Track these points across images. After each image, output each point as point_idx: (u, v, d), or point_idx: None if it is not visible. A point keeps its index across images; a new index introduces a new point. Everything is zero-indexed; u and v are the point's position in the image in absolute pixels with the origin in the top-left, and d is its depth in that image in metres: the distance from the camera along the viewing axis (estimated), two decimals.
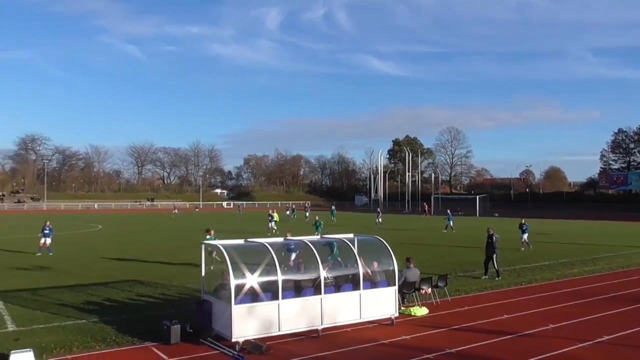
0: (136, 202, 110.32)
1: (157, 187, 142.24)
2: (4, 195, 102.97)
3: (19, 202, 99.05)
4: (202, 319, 11.27)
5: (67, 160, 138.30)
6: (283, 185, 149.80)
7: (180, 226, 48.88)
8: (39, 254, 24.85)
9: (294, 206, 66.88)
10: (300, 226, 44.31)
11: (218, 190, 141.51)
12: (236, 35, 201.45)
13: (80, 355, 10.12)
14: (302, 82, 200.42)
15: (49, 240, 25.50)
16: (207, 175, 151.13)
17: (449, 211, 45.87)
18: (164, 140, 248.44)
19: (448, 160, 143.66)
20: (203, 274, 12.36)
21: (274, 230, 38.07)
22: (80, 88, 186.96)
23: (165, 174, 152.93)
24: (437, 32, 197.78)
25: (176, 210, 77.85)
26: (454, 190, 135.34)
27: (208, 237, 20.67)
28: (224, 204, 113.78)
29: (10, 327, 12.11)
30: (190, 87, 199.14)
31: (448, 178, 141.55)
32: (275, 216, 40.25)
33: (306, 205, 71.49)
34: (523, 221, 29.05)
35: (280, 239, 14.07)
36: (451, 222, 42.67)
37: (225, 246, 11.34)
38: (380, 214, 50.75)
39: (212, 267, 11.89)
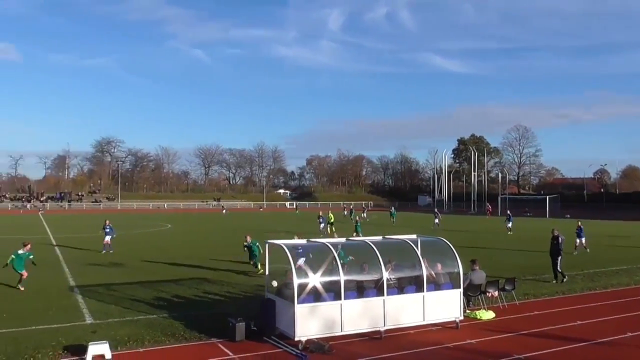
0: (203, 202, 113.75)
1: (223, 187, 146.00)
2: (82, 196, 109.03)
3: (95, 201, 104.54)
4: (266, 317, 11.47)
5: (139, 162, 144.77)
6: (345, 186, 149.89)
7: (245, 226, 49.97)
8: (103, 251, 26.14)
9: (352, 207, 65.72)
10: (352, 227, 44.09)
11: (281, 191, 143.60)
12: (299, 37, 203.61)
13: (151, 348, 10.56)
14: (364, 82, 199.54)
15: (108, 238, 26.75)
16: (271, 176, 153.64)
17: (508, 212, 44.35)
18: (229, 142, 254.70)
19: (516, 160, 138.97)
20: (267, 272, 12.58)
21: (326, 232, 37.79)
22: (151, 92, 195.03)
23: (231, 175, 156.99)
24: (504, 27, 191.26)
25: (225, 210, 79.58)
26: (522, 191, 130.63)
27: (245, 243, 20.74)
28: (287, 204, 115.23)
29: (88, 320, 12.81)
30: (254, 89, 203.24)
31: (516, 178, 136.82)
32: (331, 216, 39.87)
33: (364, 206, 70.79)
34: (579, 224, 27.60)
35: (342, 239, 14.09)
36: (510, 223, 41.31)
37: (288, 246, 11.49)
38: (439, 214, 49.62)
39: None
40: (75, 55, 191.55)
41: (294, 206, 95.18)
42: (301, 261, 15.59)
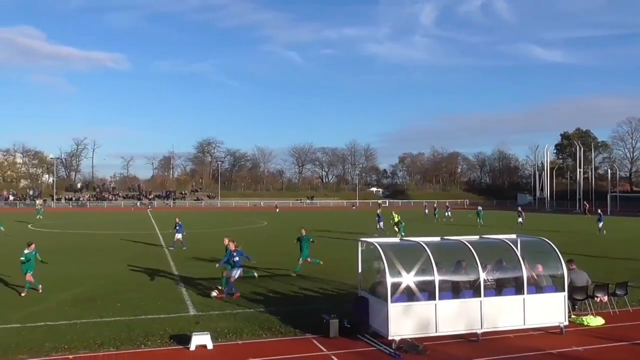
0: (297, 200, 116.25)
1: (316, 185, 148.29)
2: (185, 194, 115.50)
3: (197, 199, 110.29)
4: (360, 315, 11.50)
5: (237, 161, 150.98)
6: (439, 184, 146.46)
7: (335, 223, 50.42)
8: (172, 248, 27.20)
9: (435, 205, 62.65)
10: (437, 226, 42.93)
11: (374, 189, 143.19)
12: (391, 34, 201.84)
13: (250, 341, 10.97)
14: (458, 77, 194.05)
15: (179, 236, 27.70)
16: (363, 174, 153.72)
17: (599, 211, 41.02)
18: (322, 141, 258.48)
19: (628, 155, 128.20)
20: (359, 270, 12.61)
21: (386, 232, 36.02)
22: (248, 94, 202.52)
23: (324, 173, 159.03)
24: (611, 12, 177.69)
25: (278, 209, 79.70)
26: (635, 188, 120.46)
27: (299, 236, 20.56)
28: (379, 202, 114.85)
29: (192, 311, 13.56)
30: (346, 88, 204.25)
31: (628, 174, 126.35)
32: (395, 216, 37.74)
33: (447, 204, 67.29)
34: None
35: (436, 239, 13.77)
36: (601, 223, 38.43)
37: (381, 244, 11.44)
38: (522, 213, 46.86)
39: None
40: (178, 61, 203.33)
41: (389, 204, 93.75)
42: (237, 272, 15.48)
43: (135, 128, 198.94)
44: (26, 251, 16.12)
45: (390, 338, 10.39)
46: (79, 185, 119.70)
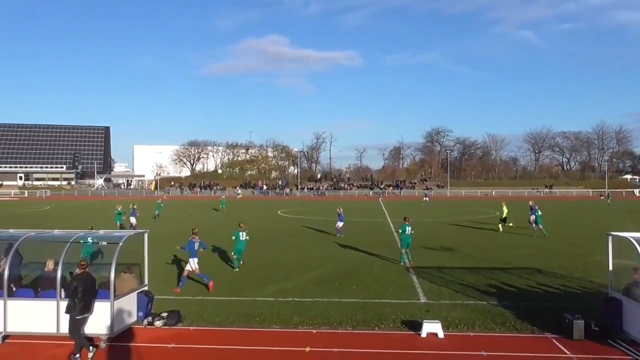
0: (533, 189, 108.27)
1: (556, 173, 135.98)
2: (415, 183, 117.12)
3: (427, 189, 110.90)
4: (611, 318, 10.20)
5: (466, 150, 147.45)
6: None
7: (578, 214, 45.47)
8: (338, 235, 28.07)
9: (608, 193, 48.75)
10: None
11: (628, 176, 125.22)
12: None
13: (481, 334, 10.63)
14: None
15: (340, 224, 28.57)
16: (614, 160, 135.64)
17: None
18: (562, 125, 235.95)
19: None
20: (610, 268, 11.16)
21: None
22: (477, 80, 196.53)
23: (565, 160, 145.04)
24: None
25: (427, 198, 72.03)
26: None
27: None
28: (636, 191, 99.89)
29: (422, 299, 13.70)
30: (591, 64, 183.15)
31: None
32: (504, 210, 31.44)
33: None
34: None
35: None
36: None
37: (637, 239, 9.93)
38: None
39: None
40: (406, 54, 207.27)
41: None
42: (192, 263, 14.43)
43: (368, 120, 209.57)
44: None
45: None
46: (318, 176, 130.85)
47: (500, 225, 30.95)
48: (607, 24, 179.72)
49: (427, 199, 72.19)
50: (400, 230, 19.58)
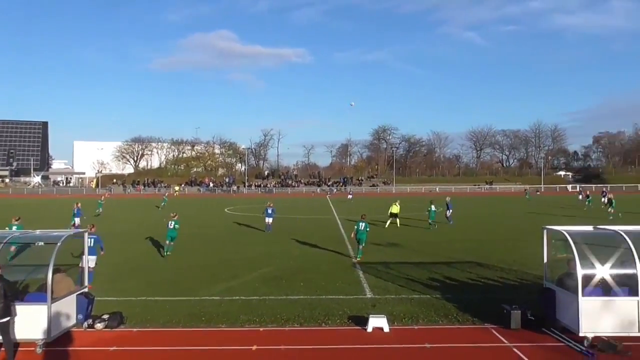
0: (475, 185, 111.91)
1: (496, 170, 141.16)
2: (362, 180, 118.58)
3: (373, 185, 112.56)
4: (545, 307, 10.69)
5: (412, 147, 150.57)
6: None
7: (514, 209, 47.39)
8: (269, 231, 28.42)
9: (588, 192, 53.08)
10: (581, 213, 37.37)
11: (562, 173, 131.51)
12: (584, 2, 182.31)
13: (425, 327, 10.90)
14: None
15: (270, 220, 28.99)
16: (549, 157, 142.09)
17: None
18: (503, 123, 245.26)
19: None
20: (545, 260, 11.69)
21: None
22: (424, 80, 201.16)
23: (504, 157, 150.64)
24: None
25: (350, 196, 73.31)
26: None
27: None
28: (569, 187, 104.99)
29: (369, 294, 13.91)
30: (531, 66, 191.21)
31: None
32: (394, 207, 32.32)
33: (604, 189, 55.59)
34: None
35: (631, 227, 12.13)
36: None
37: (570, 232, 10.44)
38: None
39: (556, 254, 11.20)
40: (355, 52, 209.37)
41: (579, 189, 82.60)
42: (90, 261, 13.56)
43: (316, 118, 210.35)
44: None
45: (581, 334, 9.51)
46: (266, 173, 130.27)
47: (389, 221, 31.53)
48: (546, 27, 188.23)
49: (351, 197, 72.38)
50: (355, 227, 19.74)
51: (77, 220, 29.42)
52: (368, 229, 20.04)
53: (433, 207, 30.59)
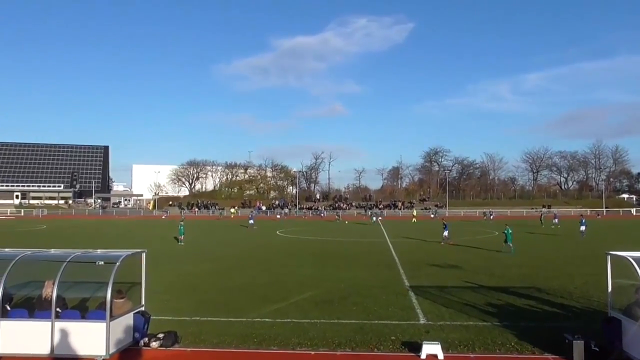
0: (532, 208, 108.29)
1: (554, 192, 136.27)
2: (413, 203, 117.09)
3: (425, 209, 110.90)
4: (610, 338, 10.11)
5: (465, 170, 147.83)
6: None
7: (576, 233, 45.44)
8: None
9: (543, 211, 52.74)
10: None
11: (625, 196, 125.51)
12: None
13: (481, 355, 10.52)
14: None
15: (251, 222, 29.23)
16: (611, 179, 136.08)
17: None
18: (560, 145, 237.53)
19: None
20: (610, 288, 11.09)
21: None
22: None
23: (563, 179, 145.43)
24: None
25: (376, 218, 70.65)
26: None
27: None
28: (633, 210, 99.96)
29: (422, 320, 13.58)
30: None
31: None
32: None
33: (555, 212, 54.96)
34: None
35: None
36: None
37: (636, 258, 9.89)
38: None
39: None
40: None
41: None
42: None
43: (365, 142, 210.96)
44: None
45: None
46: (317, 196, 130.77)
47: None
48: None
49: (376, 219, 70.06)
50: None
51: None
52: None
53: (509, 230, 30.10)
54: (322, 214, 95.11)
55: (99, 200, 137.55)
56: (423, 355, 10.23)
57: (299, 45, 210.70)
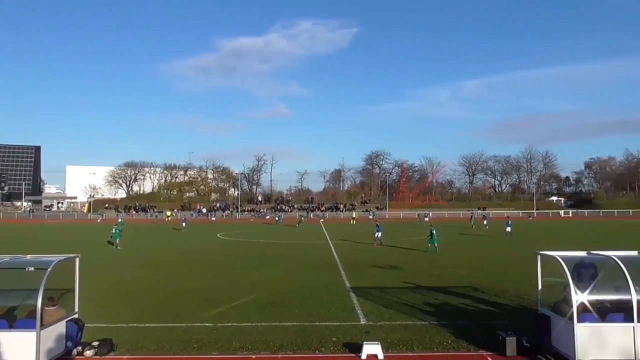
0: (468, 210, 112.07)
1: (489, 195, 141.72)
2: (355, 205, 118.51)
3: (366, 210, 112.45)
4: (540, 334, 10.61)
5: (404, 173, 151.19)
6: (635, 191, 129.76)
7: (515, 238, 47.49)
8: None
9: (473, 213, 56.96)
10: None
11: (554, 198, 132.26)
12: None
13: (420, 354, 10.76)
14: None
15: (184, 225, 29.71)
16: (542, 182, 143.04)
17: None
18: (494, 149, 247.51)
19: None
20: (540, 286, 11.65)
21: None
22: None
23: (497, 182, 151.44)
24: None
25: (303, 219, 73.22)
26: None
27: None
28: (561, 212, 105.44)
29: (363, 320, 13.75)
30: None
31: None
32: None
33: (484, 214, 59.85)
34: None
35: (625, 253, 12.16)
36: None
37: (565, 258, 10.44)
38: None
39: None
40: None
41: (572, 215, 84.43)
42: None
43: (309, 146, 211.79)
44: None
45: None
46: (259, 198, 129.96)
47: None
48: None
49: (304, 219, 70.70)
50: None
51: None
52: None
53: (434, 230, 32.05)
54: (267, 216, 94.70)
55: (29, 203, 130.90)
56: (364, 356, 10.36)
57: (243, 46, 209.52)
